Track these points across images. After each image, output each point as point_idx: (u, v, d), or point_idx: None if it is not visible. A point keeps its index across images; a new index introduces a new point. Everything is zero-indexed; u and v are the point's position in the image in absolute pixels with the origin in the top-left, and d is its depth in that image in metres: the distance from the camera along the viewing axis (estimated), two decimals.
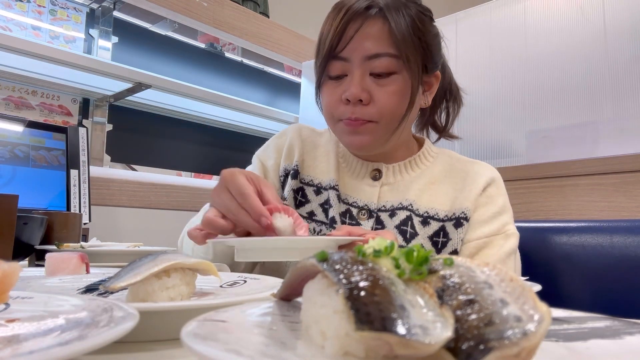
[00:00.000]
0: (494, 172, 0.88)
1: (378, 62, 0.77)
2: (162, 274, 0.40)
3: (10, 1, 1.73)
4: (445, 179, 0.86)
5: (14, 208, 0.66)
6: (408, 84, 0.79)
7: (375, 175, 0.88)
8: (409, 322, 0.21)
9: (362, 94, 0.77)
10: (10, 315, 0.31)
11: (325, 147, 0.94)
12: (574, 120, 1.45)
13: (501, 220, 0.82)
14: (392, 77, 0.78)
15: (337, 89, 0.80)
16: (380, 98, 0.78)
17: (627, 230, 0.90)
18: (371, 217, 0.85)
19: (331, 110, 0.81)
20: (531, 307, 0.22)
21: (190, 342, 0.22)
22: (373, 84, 0.78)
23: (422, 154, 0.90)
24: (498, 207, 0.83)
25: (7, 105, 1.71)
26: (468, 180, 0.85)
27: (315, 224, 0.88)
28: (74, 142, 1.33)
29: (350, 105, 0.78)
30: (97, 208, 1.46)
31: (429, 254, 0.27)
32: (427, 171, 0.88)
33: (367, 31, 0.77)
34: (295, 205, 0.90)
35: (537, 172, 1.38)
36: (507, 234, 0.82)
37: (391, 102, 0.78)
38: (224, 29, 2.10)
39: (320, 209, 0.88)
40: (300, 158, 0.92)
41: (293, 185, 0.90)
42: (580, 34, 1.47)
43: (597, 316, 0.34)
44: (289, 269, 0.34)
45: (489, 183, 0.85)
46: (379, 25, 0.77)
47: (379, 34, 0.77)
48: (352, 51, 0.77)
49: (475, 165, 0.89)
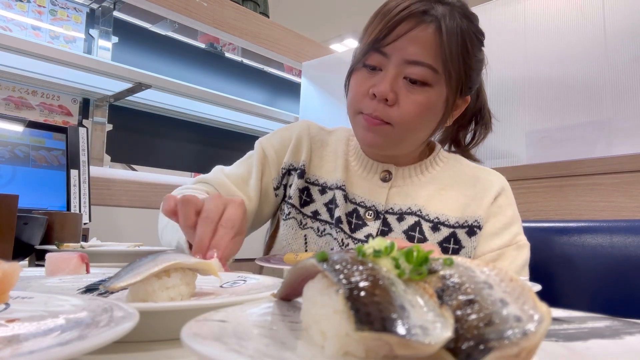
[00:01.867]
0: (504, 181, 0.87)
1: (416, 69, 0.76)
2: (162, 274, 0.40)
3: (10, 1, 1.73)
4: (455, 185, 0.86)
5: (14, 208, 0.66)
6: (438, 100, 0.78)
7: (385, 176, 0.87)
8: (409, 323, 0.21)
9: (389, 93, 0.76)
10: (10, 315, 0.31)
11: (334, 146, 0.93)
12: (574, 120, 1.45)
13: (512, 231, 0.82)
14: (424, 88, 0.77)
15: (368, 81, 0.79)
16: (406, 104, 0.77)
17: (627, 230, 0.90)
18: (378, 218, 0.84)
19: (356, 101, 0.80)
20: (531, 307, 0.22)
21: (190, 342, 0.22)
22: (403, 88, 0.77)
23: (432, 159, 0.89)
24: (508, 217, 0.83)
25: (7, 105, 1.71)
26: (478, 188, 0.85)
27: (319, 224, 0.88)
28: (74, 142, 1.33)
29: (374, 101, 0.77)
30: (97, 208, 1.46)
31: (429, 254, 0.27)
32: (437, 176, 0.87)
33: (417, 35, 0.75)
34: (300, 204, 0.90)
35: (537, 172, 1.38)
36: (519, 245, 0.81)
37: (414, 111, 0.77)
38: (224, 29, 2.10)
39: (324, 208, 0.88)
40: (308, 157, 0.91)
41: (299, 184, 0.90)
42: (580, 34, 1.47)
43: (597, 316, 0.34)
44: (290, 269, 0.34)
45: (500, 192, 0.84)
46: (430, 34, 0.75)
47: (427, 42, 0.75)
48: (395, 49, 0.76)
49: (484, 172, 0.88)
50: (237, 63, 2.47)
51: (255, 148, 0.94)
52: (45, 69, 1.70)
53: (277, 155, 0.92)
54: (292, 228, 0.89)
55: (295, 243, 0.89)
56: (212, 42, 2.33)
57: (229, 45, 2.37)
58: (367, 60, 0.79)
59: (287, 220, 0.90)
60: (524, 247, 0.82)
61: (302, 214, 0.90)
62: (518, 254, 0.81)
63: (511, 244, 0.81)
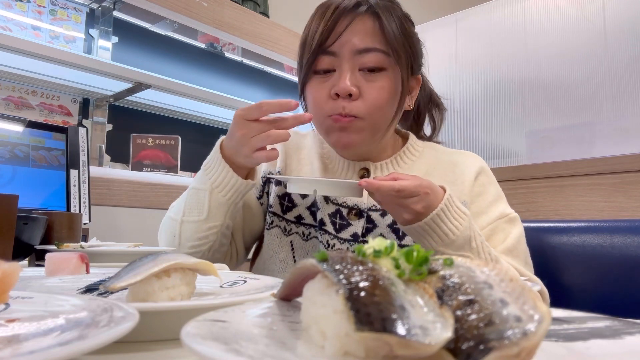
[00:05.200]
0: (481, 161, 0.89)
1: (367, 57, 0.77)
2: (162, 274, 0.40)
3: (10, 1, 1.73)
4: (434, 172, 0.86)
5: (14, 208, 0.66)
6: (396, 81, 0.79)
7: (363, 174, 0.87)
8: (409, 323, 0.21)
9: (352, 88, 0.76)
10: (10, 315, 0.31)
11: (309, 149, 0.93)
12: (574, 120, 1.45)
13: (499, 207, 0.83)
14: (381, 74, 0.78)
15: (325, 85, 0.79)
16: (370, 94, 0.77)
17: (627, 230, 0.90)
18: (362, 216, 0.84)
19: (320, 107, 0.80)
20: (531, 307, 0.22)
21: (190, 342, 0.22)
22: (362, 80, 0.78)
23: (407, 150, 0.90)
24: (492, 195, 0.84)
25: (7, 105, 1.71)
26: (457, 172, 0.86)
27: (304, 228, 0.88)
28: (74, 142, 1.33)
29: (339, 100, 0.77)
30: (97, 208, 1.46)
31: (429, 254, 0.27)
32: (414, 166, 0.88)
33: (358, 27, 0.78)
34: (282, 210, 0.89)
35: (537, 172, 1.38)
36: (510, 218, 0.82)
37: (379, 98, 0.78)
38: (224, 29, 2.10)
39: (307, 212, 0.88)
40: (283, 164, 0.91)
41: (278, 191, 0.89)
42: (580, 34, 1.47)
43: (597, 316, 0.34)
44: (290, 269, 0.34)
45: (479, 172, 0.86)
46: (369, 22, 0.78)
47: (369, 30, 0.78)
48: (342, 45, 0.77)
49: (461, 156, 0.90)
50: (237, 63, 2.47)
51: None
52: (45, 69, 1.70)
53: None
54: (277, 237, 0.89)
55: (282, 251, 0.88)
56: (212, 42, 2.33)
57: (229, 45, 2.37)
58: (317, 66, 0.80)
59: (270, 229, 0.90)
60: (516, 219, 0.83)
61: (286, 220, 0.89)
62: (511, 227, 0.81)
63: (501, 217, 0.82)
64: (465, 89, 1.03)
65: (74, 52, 1.68)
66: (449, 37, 1.79)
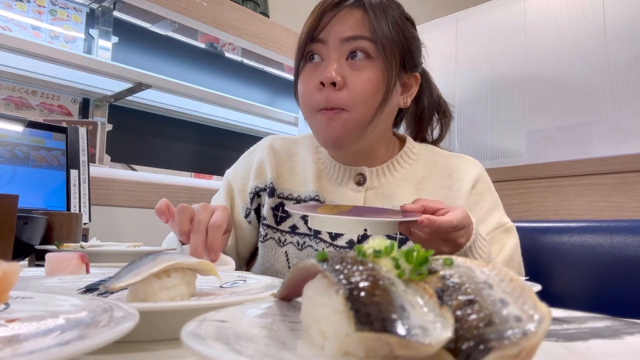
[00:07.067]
0: (479, 167, 0.88)
1: (354, 44, 0.78)
2: (162, 274, 0.40)
3: (10, 1, 1.73)
4: (431, 176, 0.86)
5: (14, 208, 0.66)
6: (384, 73, 0.79)
7: (359, 180, 0.86)
8: (409, 323, 0.21)
9: (336, 77, 0.76)
10: (10, 315, 0.31)
11: (303, 156, 0.92)
12: (574, 120, 1.45)
13: (495, 216, 0.83)
14: (367, 63, 0.78)
15: (314, 75, 0.80)
16: (355, 84, 0.77)
17: (627, 230, 0.90)
18: None
19: (307, 99, 0.80)
20: (531, 307, 0.22)
21: (190, 342, 0.22)
22: (348, 69, 0.78)
23: (404, 153, 0.89)
24: (490, 203, 0.84)
25: (7, 105, 1.71)
26: (455, 178, 0.85)
27: (299, 237, 0.87)
28: (74, 142, 1.33)
29: (324, 91, 0.77)
30: (97, 208, 1.46)
31: (429, 254, 0.27)
32: (411, 171, 0.87)
33: (346, 17, 0.79)
34: (275, 222, 0.89)
35: (537, 172, 1.38)
36: (506, 228, 0.82)
37: (364, 89, 0.77)
38: (224, 29, 2.09)
39: (302, 221, 0.87)
40: (274, 174, 0.90)
41: (271, 203, 0.89)
42: (580, 34, 1.47)
43: (597, 316, 0.34)
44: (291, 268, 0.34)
45: (477, 179, 0.85)
46: (358, 14, 0.79)
47: (357, 19, 0.79)
48: (330, 33, 0.79)
49: (459, 160, 0.88)
50: (237, 63, 2.47)
51: (222, 181, 0.97)
52: (45, 69, 1.69)
53: (243, 183, 0.94)
54: (272, 249, 0.89)
55: (276, 262, 0.88)
56: (212, 42, 2.33)
57: (229, 45, 2.37)
58: (307, 53, 0.81)
59: (265, 242, 0.90)
60: (511, 229, 0.82)
61: (280, 231, 0.89)
62: (507, 237, 0.81)
63: (498, 226, 0.81)
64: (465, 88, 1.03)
65: (74, 52, 1.68)
66: (449, 37, 1.79)
